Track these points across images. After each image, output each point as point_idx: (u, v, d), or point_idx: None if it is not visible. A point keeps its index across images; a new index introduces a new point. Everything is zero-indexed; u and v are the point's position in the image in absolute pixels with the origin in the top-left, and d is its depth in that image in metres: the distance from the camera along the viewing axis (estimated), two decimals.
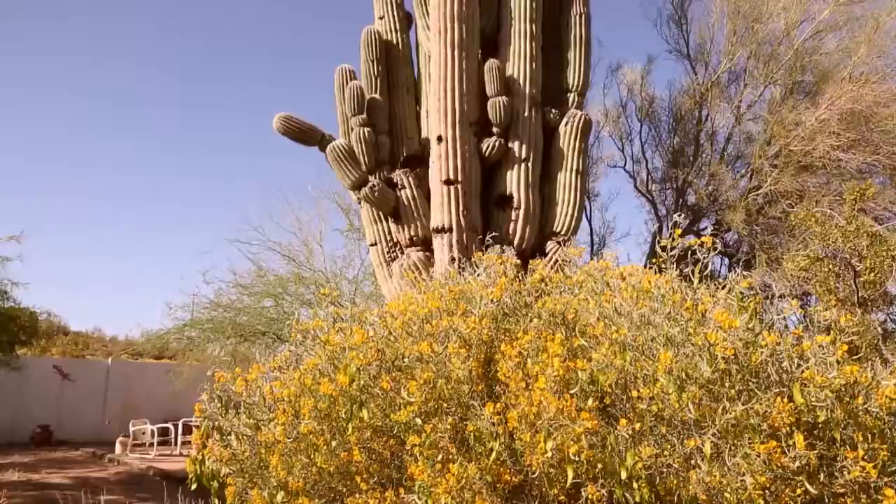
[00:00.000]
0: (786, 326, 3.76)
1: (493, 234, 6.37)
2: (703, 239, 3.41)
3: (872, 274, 8.40)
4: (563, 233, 7.66)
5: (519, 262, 4.59)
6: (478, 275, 3.92)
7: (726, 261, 13.35)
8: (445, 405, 3.31)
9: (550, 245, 7.62)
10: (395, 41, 8.54)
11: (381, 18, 8.68)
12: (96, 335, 33.82)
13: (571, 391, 3.05)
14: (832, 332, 3.33)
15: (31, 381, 18.81)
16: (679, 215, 3.28)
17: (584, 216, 9.77)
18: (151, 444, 17.06)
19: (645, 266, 4.09)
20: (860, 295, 9.01)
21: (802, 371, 3.03)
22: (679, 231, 3.42)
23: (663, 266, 3.46)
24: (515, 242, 7.46)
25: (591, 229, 14.16)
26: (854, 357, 3.30)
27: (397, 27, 8.61)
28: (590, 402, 2.98)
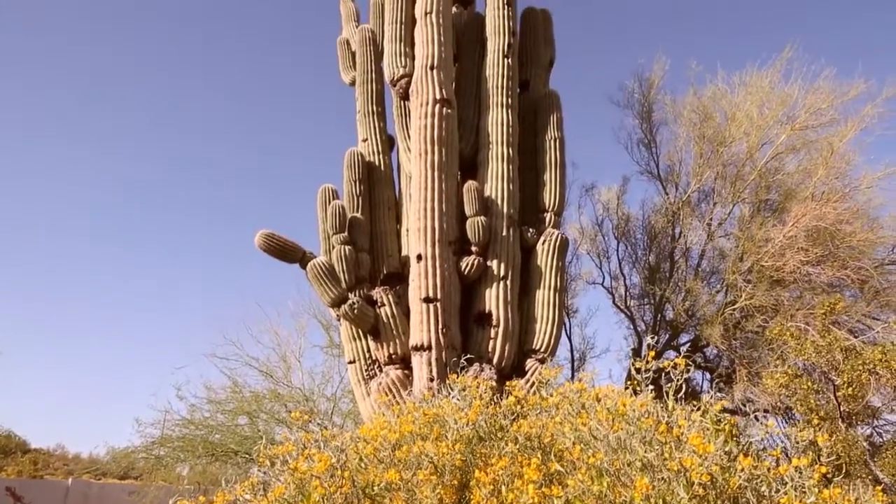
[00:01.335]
0: (764, 448, 3.73)
1: (470, 356, 6.36)
2: (676, 360, 3.45)
3: (850, 388, 8.41)
4: (542, 350, 7.66)
5: (497, 380, 4.59)
6: (452, 397, 3.89)
7: (708, 376, 13.32)
8: None
9: (530, 363, 7.60)
10: (377, 162, 8.89)
11: (364, 141, 9.07)
12: (59, 453, 32.30)
13: None
14: (811, 453, 3.31)
15: None
16: (652, 337, 3.32)
17: (563, 333, 9.81)
18: None
19: (626, 382, 4.09)
20: (842, 409, 8.97)
21: (781, 496, 2.97)
22: (653, 353, 3.46)
23: (638, 388, 3.47)
24: (495, 360, 7.43)
25: (571, 346, 14.18)
26: (842, 475, 3.25)
27: (380, 149, 8.99)
28: None
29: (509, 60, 8.82)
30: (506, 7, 9.07)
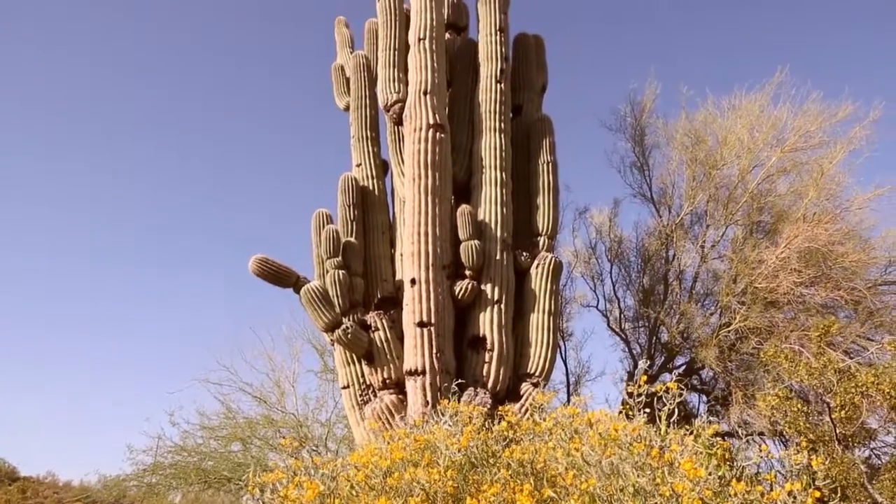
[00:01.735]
0: (758, 473, 3.72)
1: (462, 381, 6.34)
2: (668, 384, 3.45)
3: (844, 411, 8.39)
4: (537, 374, 7.65)
5: (492, 405, 4.58)
6: (443, 423, 3.87)
7: (703, 398, 13.28)
8: None
9: (525, 387, 7.58)
10: (371, 187, 8.93)
11: (358, 165, 9.12)
12: (48, 481, 31.78)
13: None
14: (805, 476, 3.30)
15: None
16: (645, 361, 3.33)
17: (558, 356, 9.79)
18: None
19: (621, 406, 4.08)
20: (838, 432, 8.94)
21: None
22: (645, 377, 3.46)
23: (631, 413, 3.47)
24: (490, 384, 7.41)
25: (567, 369, 14.13)
26: (839, 499, 3.24)
27: (374, 173, 9.05)
28: None
29: (502, 85, 8.92)
30: (498, 33, 9.20)
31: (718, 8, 32.97)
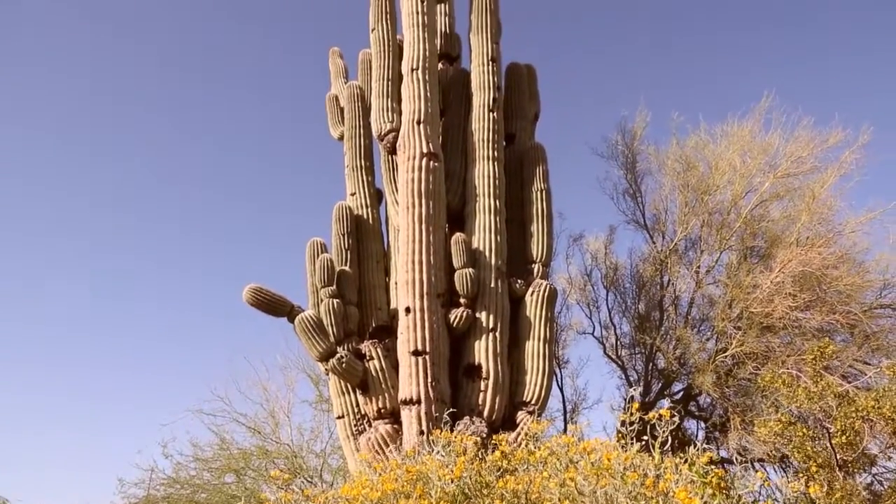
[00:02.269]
0: (755, 501, 3.68)
1: (454, 409, 6.30)
2: (661, 412, 3.43)
3: (845, 437, 8.32)
4: (533, 402, 7.60)
5: (488, 434, 4.54)
6: (436, 452, 3.83)
7: (702, 425, 13.18)
8: None
9: (521, 415, 7.53)
10: (365, 216, 8.97)
11: (352, 195, 9.17)
12: None
13: None
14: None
15: None
16: (635, 389, 3.32)
17: (554, 384, 9.74)
18: None
19: (617, 434, 4.04)
20: (839, 457, 8.86)
21: None
22: (637, 405, 3.44)
23: (623, 441, 3.44)
24: (485, 413, 7.35)
25: (563, 397, 14.04)
26: None
27: (368, 202, 9.09)
28: None
29: (495, 114, 9.00)
30: (490, 63, 9.32)
31: (705, 35, 33.49)
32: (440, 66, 9.83)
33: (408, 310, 7.58)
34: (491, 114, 8.98)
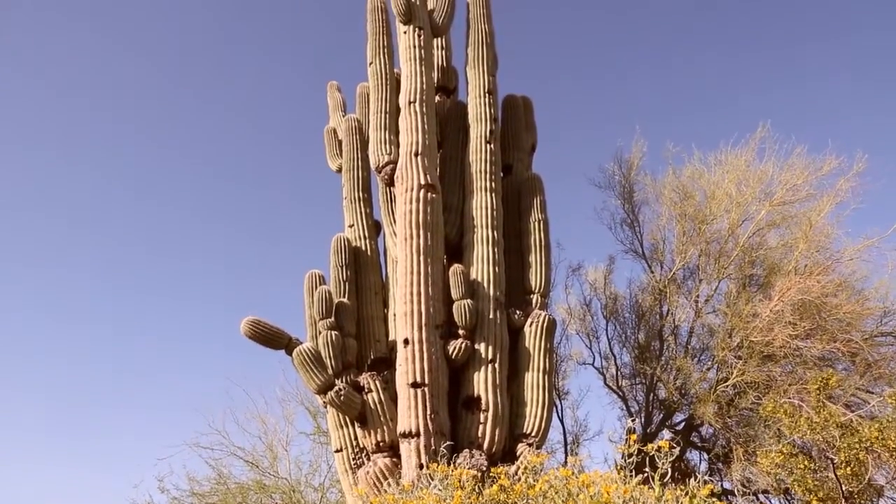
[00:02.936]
0: None
1: (452, 443, 6.23)
2: (660, 444, 3.40)
3: (850, 468, 8.22)
4: (533, 434, 7.52)
5: (488, 466, 4.48)
6: (433, 487, 3.78)
7: (704, 456, 13.03)
8: None
9: (521, 448, 7.45)
10: (363, 247, 8.99)
11: (350, 226, 9.20)
12: None
13: None
14: None
15: None
16: (633, 420, 3.29)
17: (555, 415, 9.66)
18: None
19: (618, 465, 4.00)
20: (844, 489, 8.74)
21: None
22: (634, 437, 3.41)
23: (625, 475, 3.40)
24: (485, 446, 7.28)
25: (564, 428, 13.88)
26: None
27: (366, 234, 9.12)
28: None
29: (492, 146, 9.07)
30: (487, 95, 9.42)
31: (698, 65, 33.94)
32: (437, 98, 9.95)
33: (406, 341, 7.55)
34: (488, 145, 9.05)
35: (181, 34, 33.57)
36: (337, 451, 7.95)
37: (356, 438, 7.85)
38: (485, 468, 6.71)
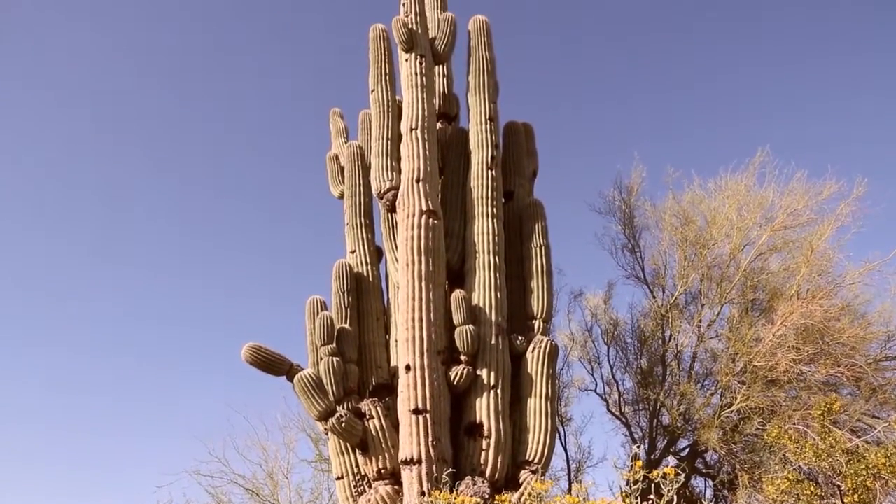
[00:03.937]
0: None
1: (454, 470, 6.17)
2: (665, 470, 3.37)
3: (857, 495, 8.11)
4: (536, 461, 7.45)
5: (490, 494, 4.44)
6: None
7: (710, 482, 12.87)
8: None
9: (524, 475, 7.37)
10: (365, 273, 8.99)
11: (352, 252, 9.22)
12: None
13: None
14: None
15: None
16: (637, 446, 3.27)
17: (557, 442, 9.57)
18: None
19: (623, 492, 3.96)
20: None
21: None
22: (640, 463, 3.39)
23: (630, 502, 3.37)
24: (488, 473, 7.21)
25: (567, 455, 13.74)
26: None
27: (368, 260, 9.13)
28: None
29: (493, 172, 9.11)
30: (488, 122, 9.49)
31: (696, 90, 34.25)
32: (439, 125, 10.04)
33: (408, 367, 7.52)
34: (489, 171, 9.09)
35: (183, 55, 33.93)
36: (338, 478, 7.88)
37: (357, 465, 7.78)
38: (487, 495, 6.64)
